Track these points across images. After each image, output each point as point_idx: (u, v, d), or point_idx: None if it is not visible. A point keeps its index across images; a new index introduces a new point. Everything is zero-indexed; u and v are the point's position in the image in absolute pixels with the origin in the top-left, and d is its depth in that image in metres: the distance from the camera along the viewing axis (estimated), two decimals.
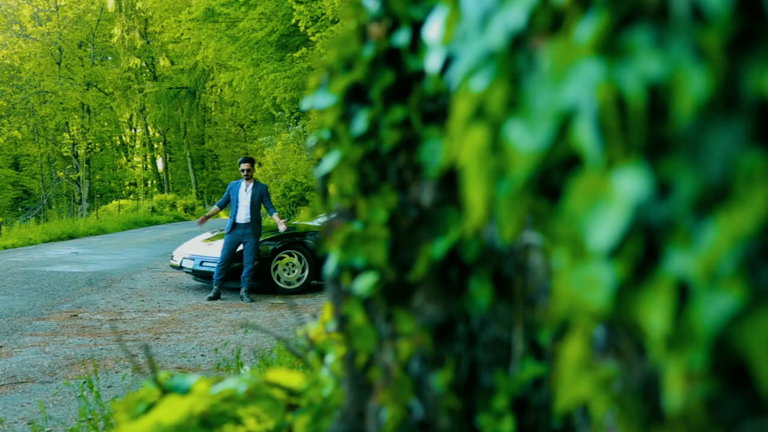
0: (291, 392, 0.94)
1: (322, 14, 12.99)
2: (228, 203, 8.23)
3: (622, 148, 0.37)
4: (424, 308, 0.71)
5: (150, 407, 0.95)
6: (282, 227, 8.38)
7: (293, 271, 8.70)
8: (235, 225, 8.02)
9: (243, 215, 8.01)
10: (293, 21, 13.78)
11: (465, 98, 0.47)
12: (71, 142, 32.53)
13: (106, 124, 35.75)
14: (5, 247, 14.40)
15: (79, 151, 32.66)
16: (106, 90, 34.72)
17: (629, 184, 0.35)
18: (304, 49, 14.88)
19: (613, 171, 0.36)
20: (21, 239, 15.21)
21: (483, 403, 0.67)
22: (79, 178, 33.16)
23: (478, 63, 0.47)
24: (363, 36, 0.78)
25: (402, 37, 0.73)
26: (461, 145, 0.48)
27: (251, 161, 8.20)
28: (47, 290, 8.42)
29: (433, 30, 0.60)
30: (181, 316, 7.08)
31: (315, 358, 1.05)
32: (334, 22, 12.87)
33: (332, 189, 0.81)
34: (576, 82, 0.38)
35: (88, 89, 32.86)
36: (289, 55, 17.72)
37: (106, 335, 6.08)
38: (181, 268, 8.91)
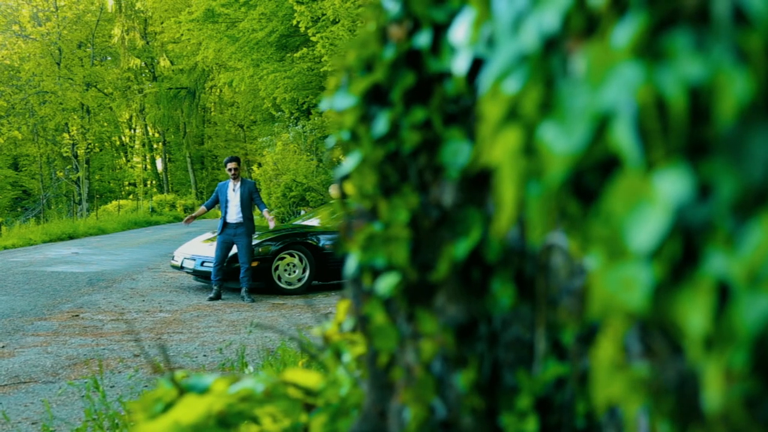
0: (308, 392, 0.94)
1: (323, 15, 12.99)
2: (215, 204, 8.21)
3: (662, 150, 0.37)
4: (446, 308, 0.72)
5: (167, 407, 0.95)
6: (272, 224, 8.35)
7: (294, 272, 8.70)
8: (226, 225, 8.01)
9: (234, 215, 7.99)
10: (294, 22, 13.77)
11: (497, 100, 0.48)
12: (71, 142, 32.51)
13: (105, 124, 35.74)
14: (5, 248, 14.40)
15: (78, 152, 32.65)
16: (105, 90, 34.72)
17: (671, 186, 0.36)
18: (304, 50, 14.88)
19: (654, 173, 0.37)
20: (21, 239, 15.21)
21: (506, 402, 0.67)
22: (78, 178, 33.14)
23: (511, 65, 0.47)
24: (383, 38, 0.79)
25: (423, 39, 0.73)
26: (493, 146, 0.49)
27: (237, 160, 8.19)
28: (48, 290, 8.41)
29: (459, 32, 0.60)
30: (182, 316, 7.08)
31: (330, 358, 1.06)
32: (334, 22, 12.87)
33: (352, 190, 0.81)
34: (615, 84, 0.39)
35: (87, 89, 32.85)
36: (289, 55, 17.72)
37: (108, 335, 6.08)
38: (182, 268, 8.91)
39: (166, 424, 0.92)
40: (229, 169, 8.05)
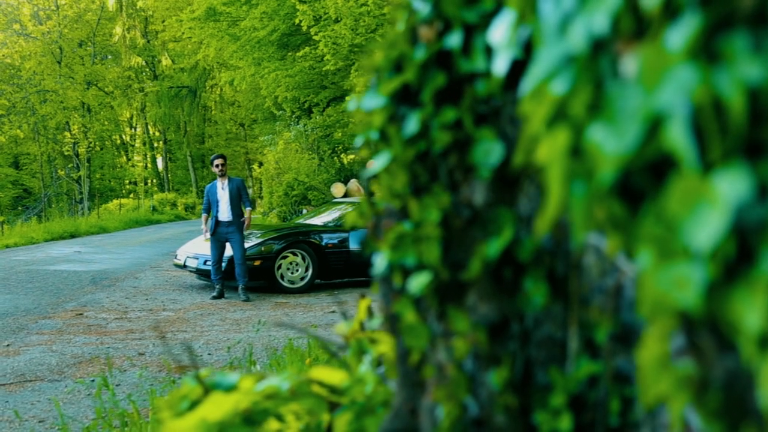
0: (332, 390, 0.95)
1: (325, 14, 12.98)
2: (210, 207, 8.20)
3: (719, 151, 0.38)
4: (478, 307, 0.72)
5: (193, 404, 0.96)
6: (246, 223, 8.19)
7: (297, 270, 8.71)
8: (218, 224, 8.00)
9: (225, 213, 7.98)
10: (296, 21, 13.76)
11: (543, 101, 0.48)
12: (72, 140, 32.52)
13: (106, 123, 35.74)
14: (8, 246, 14.41)
15: (80, 150, 32.67)
16: (106, 89, 34.72)
17: (730, 187, 0.36)
18: (307, 49, 14.86)
19: (712, 173, 0.37)
20: (23, 238, 15.22)
21: (539, 400, 0.68)
22: (80, 177, 33.16)
23: (558, 66, 0.48)
24: (412, 38, 0.79)
25: (455, 40, 0.74)
26: (540, 146, 0.49)
27: (223, 157, 8.20)
28: (51, 289, 8.43)
29: (498, 33, 0.61)
30: (186, 314, 7.09)
31: (352, 356, 1.06)
32: (336, 21, 12.86)
33: (380, 189, 0.82)
34: (670, 86, 0.39)
35: (88, 88, 32.86)
36: (290, 54, 17.71)
37: (112, 334, 6.09)
38: (184, 267, 8.92)
39: (193, 422, 0.92)
40: (216, 166, 8.05)
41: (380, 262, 0.79)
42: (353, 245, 9.02)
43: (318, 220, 9.94)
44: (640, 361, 0.48)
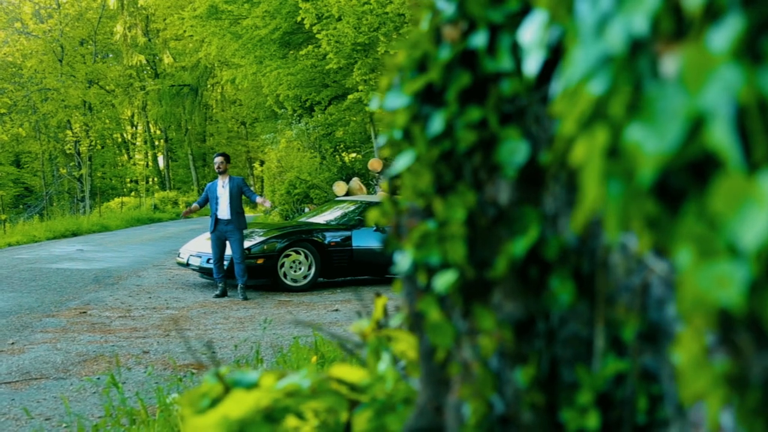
0: (352, 388, 0.96)
1: (328, 12, 12.98)
2: (206, 203, 8.20)
3: (765, 151, 0.38)
4: (503, 305, 0.73)
5: (214, 402, 0.96)
6: (267, 204, 8.30)
7: (300, 269, 8.72)
8: (217, 222, 8.01)
9: (224, 211, 8.00)
10: (298, 19, 13.76)
11: (581, 101, 0.49)
12: (74, 139, 32.53)
13: (107, 121, 35.74)
14: (10, 244, 14.42)
15: (81, 149, 32.67)
16: (107, 87, 34.73)
17: None
18: (310, 47, 14.86)
19: (758, 173, 0.38)
20: (25, 236, 15.24)
21: (566, 398, 0.68)
22: (81, 175, 33.17)
23: (595, 67, 0.48)
24: (436, 38, 0.80)
25: (480, 40, 0.74)
26: (576, 146, 0.50)
27: (224, 155, 8.24)
28: (55, 287, 8.43)
29: (528, 33, 0.61)
30: (189, 313, 7.10)
31: (370, 355, 1.07)
32: (339, 19, 12.86)
33: (403, 188, 0.82)
34: (714, 86, 0.40)
35: (90, 87, 32.86)
36: (292, 52, 17.71)
37: (116, 332, 6.10)
38: (187, 265, 8.92)
39: (214, 419, 0.93)
40: (218, 166, 8.07)
41: (404, 260, 0.79)
42: (356, 244, 9.03)
43: (320, 219, 9.94)
44: (678, 359, 0.48)
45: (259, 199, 8.29)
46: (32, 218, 21.66)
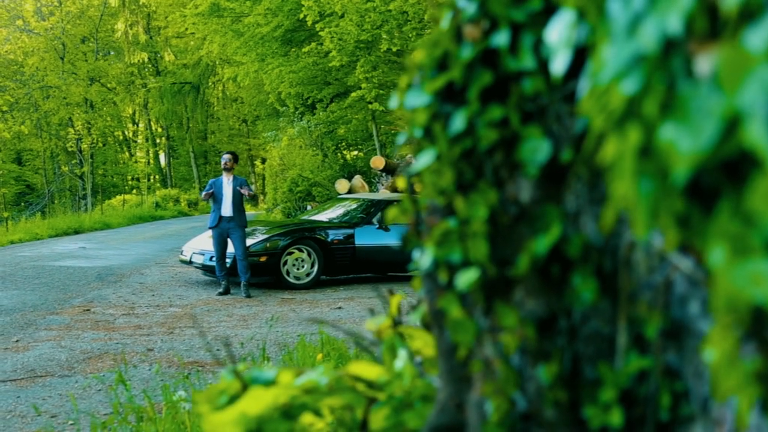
0: (370, 385, 0.96)
1: (330, 9, 12.97)
2: (212, 195, 8.19)
3: None
4: (525, 303, 0.73)
5: (232, 399, 0.97)
6: (246, 192, 8.14)
7: (302, 266, 8.73)
8: (221, 219, 8.04)
9: (227, 208, 8.05)
10: (301, 16, 13.75)
11: (613, 100, 0.49)
12: (76, 137, 32.54)
13: (109, 119, 35.75)
14: (12, 242, 14.44)
15: (83, 146, 32.68)
16: (109, 85, 34.73)
17: None
18: (313, 44, 14.85)
19: None
20: (28, 234, 15.26)
21: (588, 395, 0.68)
22: (83, 173, 33.18)
23: (628, 66, 0.49)
24: (457, 37, 0.80)
25: (502, 39, 0.75)
26: (607, 144, 0.50)
27: (233, 154, 8.34)
28: (58, 285, 8.45)
29: (555, 33, 0.62)
30: (193, 310, 7.11)
31: (385, 352, 1.07)
32: (341, 17, 12.85)
33: (423, 186, 0.83)
34: (752, 86, 0.40)
35: (91, 84, 32.86)
36: (294, 50, 17.70)
37: (120, 330, 6.11)
38: (190, 263, 8.94)
39: (233, 416, 0.93)
40: (225, 163, 8.13)
41: (425, 258, 0.80)
42: (359, 241, 9.04)
43: (323, 216, 9.95)
44: (708, 356, 0.49)
45: (244, 189, 8.19)
46: (34, 216, 21.68)
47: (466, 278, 0.74)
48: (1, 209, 18.29)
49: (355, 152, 20.92)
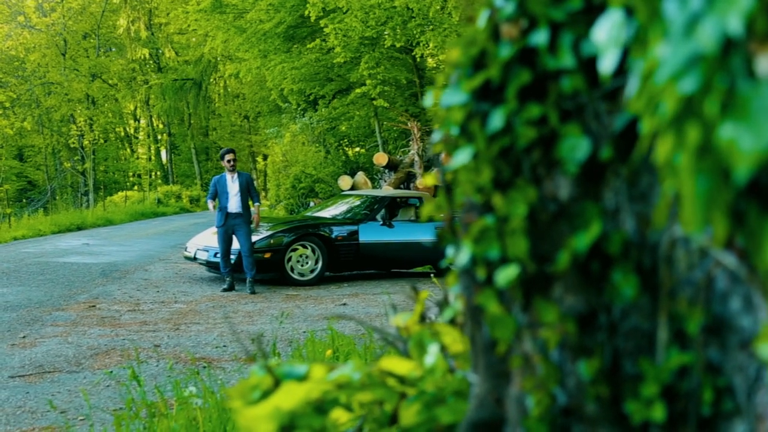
0: (401, 380, 0.97)
1: (335, 5, 12.96)
2: (216, 196, 8.22)
3: None
4: (564, 299, 0.74)
5: (264, 394, 0.98)
6: (256, 220, 8.27)
7: (307, 263, 8.74)
8: (227, 216, 8.04)
9: (234, 205, 8.06)
10: (306, 12, 13.74)
11: (670, 99, 0.50)
12: (78, 133, 32.53)
13: (110, 115, 35.75)
14: (15, 238, 14.46)
15: (85, 143, 32.69)
16: (110, 81, 34.71)
17: None
18: (318, 41, 14.85)
19: None
20: (30, 230, 15.27)
21: (630, 390, 0.69)
22: (85, 169, 33.19)
23: (685, 66, 0.49)
24: (494, 35, 0.81)
25: (541, 37, 0.75)
26: (661, 143, 0.51)
27: (234, 152, 8.36)
28: (63, 281, 8.46)
29: (602, 32, 0.62)
30: (198, 307, 7.12)
31: (413, 348, 1.08)
32: (345, 12, 12.84)
33: (460, 184, 0.83)
34: None
35: (93, 80, 32.85)
36: (296, 46, 17.70)
37: (126, 326, 6.13)
38: (195, 259, 8.95)
39: (266, 410, 0.94)
40: (228, 161, 8.15)
41: (462, 255, 0.81)
42: (363, 238, 9.05)
43: (327, 213, 9.95)
44: (763, 352, 0.49)
45: (256, 208, 8.28)
46: (37, 212, 21.70)
47: (505, 275, 0.75)
48: (4, 206, 18.30)
49: (357, 149, 20.92)
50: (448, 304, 1.14)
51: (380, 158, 14.35)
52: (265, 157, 42.29)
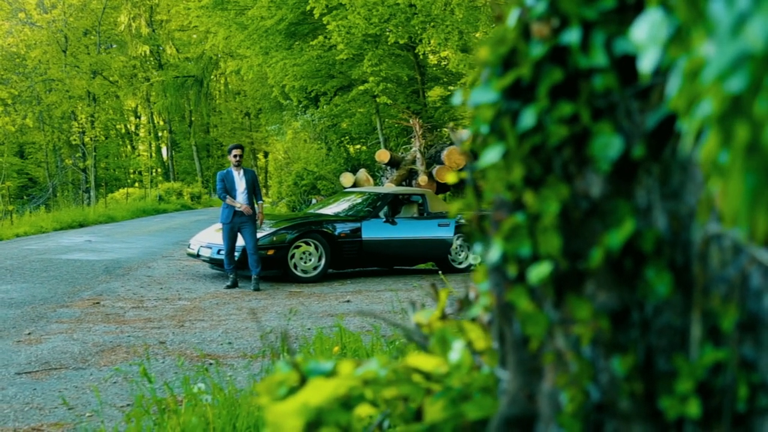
0: (427, 376, 0.98)
1: (338, 1, 12.94)
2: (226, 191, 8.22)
3: None
4: (597, 295, 0.75)
5: (291, 390, 0.98)
6: (260, 218, 8.22)
7: (310, 260, 8.75)
8: (234, 213, 8.01)
9: (242, 201, 8.04)
10: (308, 8, 13.73)
11: (716, 98, 0.50)
12: (80, 130, 32.51)
13: (111, 112, 35.73)
14: (18, 235, 14.47)
15: (86, 140, 32.68)
16: (111, 78, 34.69)
17: None
18: (321, 38, 14.83)
19: None
20: (33, 227, 15.29)
21: (664, 386, 0.70)
22: (86, 166, 33.20)
23: (733, 65, 0.50)
24: (524, 34, 0.81)
25: (573, 36, 0.76)
26: (708, 141, 0.51)
27: (242, 147, 8.36)
28: (66, 278, 8.47)
29: (642, 31, 0.63)
30: (202, 303, 7.13)
31: (436, 344, 1.09)
32: (348, 8, 12.82)
33: (489, 182, 0.84)
34: None
35: (94, 77, 32.83)
36: (298, 43, 17.68)
37: (130, 323, 6.14)
38: (198, 256, 8.95)
39: (294, 406, 0.95)
40: (235, 155, 8.15)
41: (493, 252, 0.81)
42: (366, 235, 9.06)
43: (329, 210, 9.96)
44: None
45: (259, 206, 8.21)
46: (38, 209, 21.71)
47: (538, 272, 0.75)
48: (6, 202, 18.31)
49: (358, 146, 20.92)
50: (469, 301, 1.14)
51: (382, 155, 14.35)
52: (266, 155, 42.31)
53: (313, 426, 0.97)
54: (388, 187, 12.70)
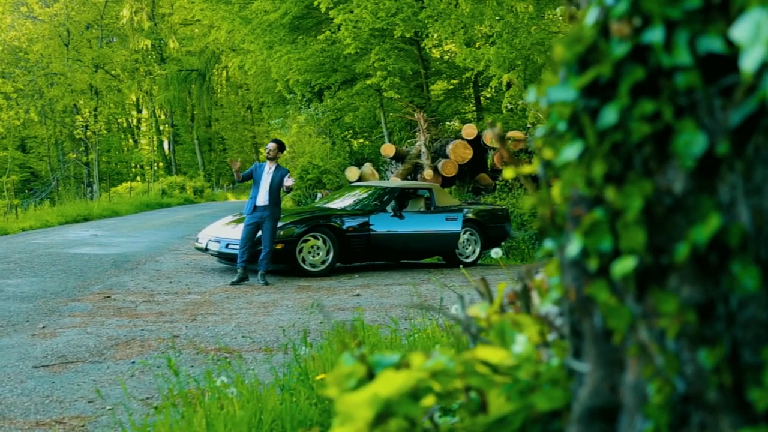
0: (494, 369, 0.99)
1: None
2: (248, 179, 8.25)
3: None
4: (681, 289, 0.76)
5: (360, 382, 1.00)
6: (290, 181, 8.09)
7: (318, 254, 8.77)
8: (255, 208, 8.07)
9: (262, 197, 8.07)
10: (315, 3, 13.72)
11: None
12: (83, 123, 32.50)
13: (113, 106, 35.72)
14: (23, 229, 14.50)
15: (89, 134, 32.68)
16: (113, 72, 34.66)
17: None
18: (327, 32, 14.82)
19: None
20: (38, 221, 15.31)
21: (752, 378, 0.72)
22: (89, 160, 33.20)
23: None
24: (603, 33, 0.83)
25: (656, 35, 0.77)
26: None
27: (279, 143, 8.33)
28: (76, 272, 8.50)
29: (743, 31, 0.64)
30: (212, 297, 7.15)
31: (494, 337, 1.11)
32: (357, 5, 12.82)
33: (566, 178, 0.85)
34: None
35: (96, 71, 32.80)
36: (301, 37, 17.67)
37: (143, 316, 6.16)
38: (206, 250, 8.98)
39: (365, 397, 0.97)
40: (269, 150, 8.16)
41: (572, 247, 0.83)
42: (374, 229, 9.08)
43: (336, 204, 9.97)
44: None
45: (288, 182, 8.15)
46: (42, 203, 21.74)
47: (622, 266, 0.77)
48: (11, 196, 18.34)
49: (362, 140, 20.92)
50: (526, 295, 1.16)
51: (388, 149, 14.36)
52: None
53: (383, 417, 0.99)
54: (394, 181, 12.72)
